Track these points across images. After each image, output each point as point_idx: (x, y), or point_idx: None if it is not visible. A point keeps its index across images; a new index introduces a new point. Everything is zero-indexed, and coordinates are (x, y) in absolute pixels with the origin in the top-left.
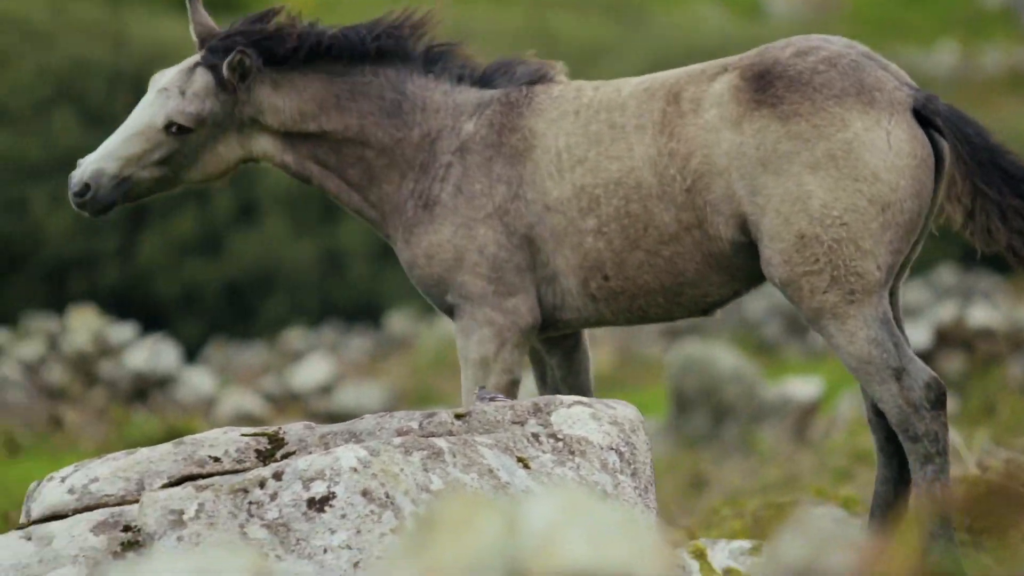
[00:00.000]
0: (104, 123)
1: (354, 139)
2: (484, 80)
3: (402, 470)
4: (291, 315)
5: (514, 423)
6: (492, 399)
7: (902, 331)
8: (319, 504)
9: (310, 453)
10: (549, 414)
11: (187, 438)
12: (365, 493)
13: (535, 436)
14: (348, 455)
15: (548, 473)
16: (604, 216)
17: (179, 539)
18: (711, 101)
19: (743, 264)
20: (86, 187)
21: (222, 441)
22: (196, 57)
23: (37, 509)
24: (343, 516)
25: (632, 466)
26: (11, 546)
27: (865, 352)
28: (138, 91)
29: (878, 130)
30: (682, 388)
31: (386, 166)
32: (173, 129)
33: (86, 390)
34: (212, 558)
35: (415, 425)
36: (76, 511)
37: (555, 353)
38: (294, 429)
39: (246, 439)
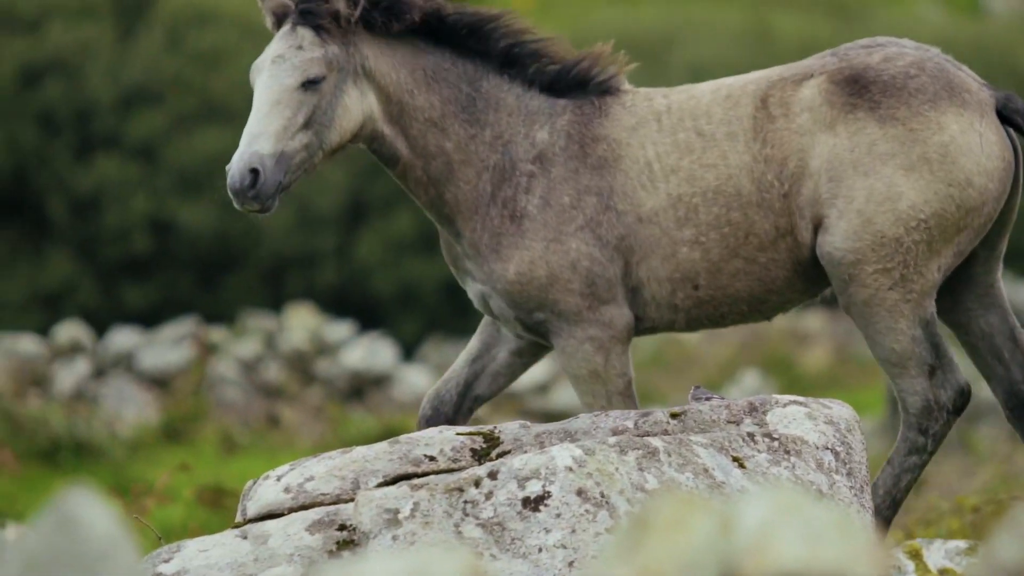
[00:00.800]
0: None
1: (437, 124)
2: (552, 87)
3: (617, 469)
4: None
5: (729, 422)
6: (708, 398)
7: (1012, 325)
8: (534, 503)
9: (525, 452)
10: (764, 413)
11: (403, 437)
12: (580, 492)
13: (750, 435)
14: (563, 454)
15: (763, 473)
16: (703, 225)
17: (394, 538)
18: (802, 106)
19: (824, 271)
20: (255, 173)
21: (437, 440)
22: (287, 26)
23: (253, 508)
24: (558, 515)
25: (848, 466)
26: (227, 544)
27: (908, 349)
28: None
29: (972, 133)
30: None
31: (462, 162)
32: (308, 81)
33: (303, 388)
34: (427, 557)
35: (630, 424)
36: (291, 510)
37: (521, 351)
38: (509, 428)
39: (461, 438)
